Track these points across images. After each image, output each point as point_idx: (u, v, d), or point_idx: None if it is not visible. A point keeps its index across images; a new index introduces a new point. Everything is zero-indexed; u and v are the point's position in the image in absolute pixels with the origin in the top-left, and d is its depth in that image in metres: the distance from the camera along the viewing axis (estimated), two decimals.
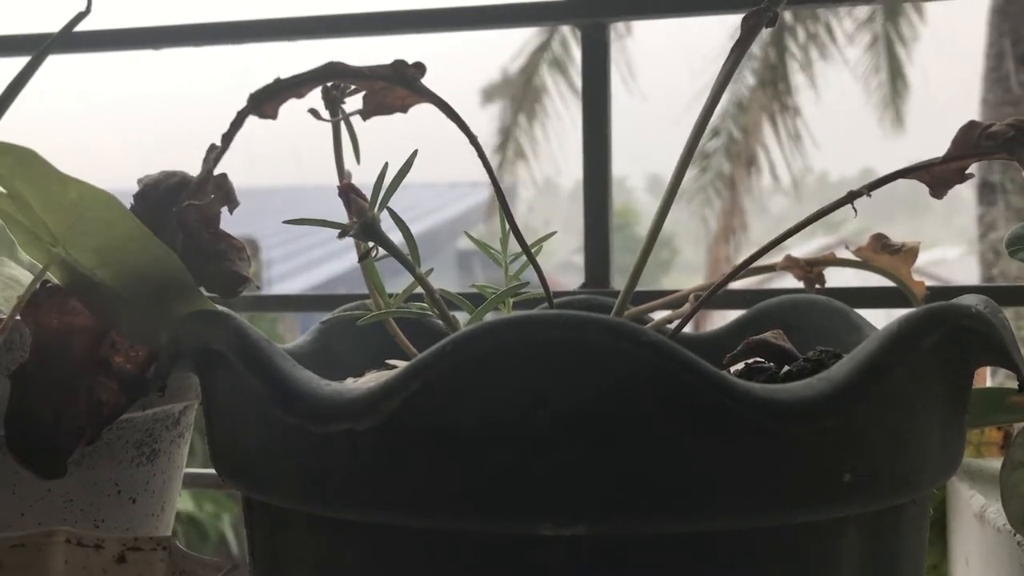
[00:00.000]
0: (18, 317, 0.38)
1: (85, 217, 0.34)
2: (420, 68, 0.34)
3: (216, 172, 0.35)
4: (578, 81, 0.65)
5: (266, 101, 0.33)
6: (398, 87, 0.34)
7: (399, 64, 0.34)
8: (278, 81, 0.33)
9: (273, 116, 0.33)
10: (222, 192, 0.36)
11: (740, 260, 0.42)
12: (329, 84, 0.38)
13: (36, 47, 0.54)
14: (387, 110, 0.35)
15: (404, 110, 0.35)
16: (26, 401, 0.36)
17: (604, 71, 0.63)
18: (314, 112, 0.34)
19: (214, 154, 0.34)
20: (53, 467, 0.36)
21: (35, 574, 0.35)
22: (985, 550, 0.45)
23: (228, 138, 0.33)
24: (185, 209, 0.35)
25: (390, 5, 0.66)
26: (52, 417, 0.36)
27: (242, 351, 0.31)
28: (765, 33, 0.41)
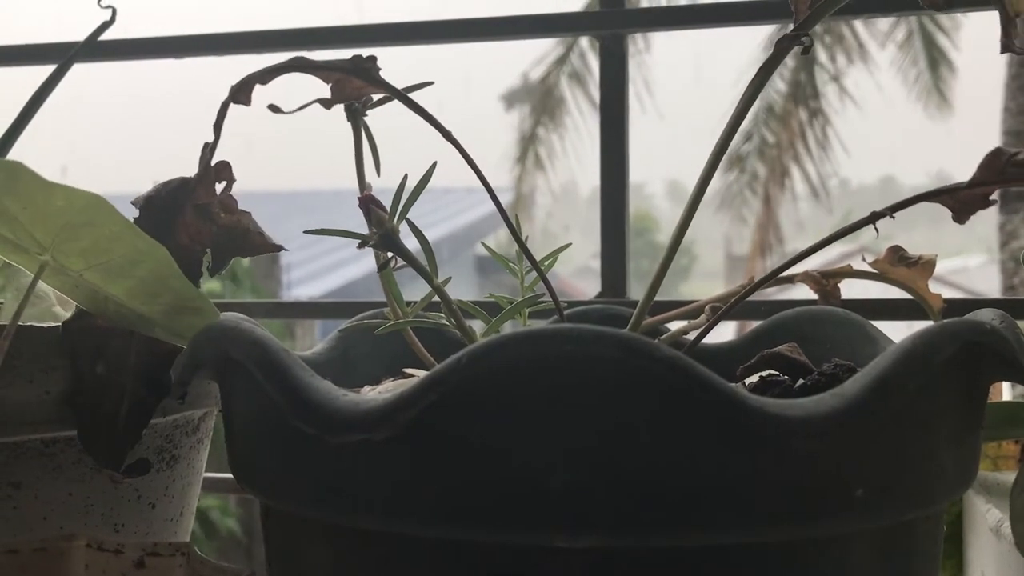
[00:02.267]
0: (21, 323, 0.39)
1: (71, 222, 0.34)
2: (374, 61, 0.38)
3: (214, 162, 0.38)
4: (595, 90, 0.65)
5: (240, 91, 0.37)
6: (355, 78, 0.38)
7: (356, 58, 0.38)
8: (250, 74, 0.37)
9: (247, 103, 0.37)
10: (225, 176, 0.39)
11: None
12: (350, 100, 0.40)
13: (61, 56, 0.55)
14: (347, 98, 0.39)
15: (361, 98, 0.39)
16: (90, 419, 0.39)
17: (622, 81, 0.63)
18: (274, 107, 0.37)
19: (208, 148, 0.37)
20: (139, 467, 0.40)
21: None
22: (1000, 564, 0.45)
23: (217, 127, 0.37)
24: (210, 204, 0.39)
25: (416, 15, 0.66)
26: (111, 426, 0.38)
27: (261, 361, 0.31)
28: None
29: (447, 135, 0.38)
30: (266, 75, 0.37)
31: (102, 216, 0.34)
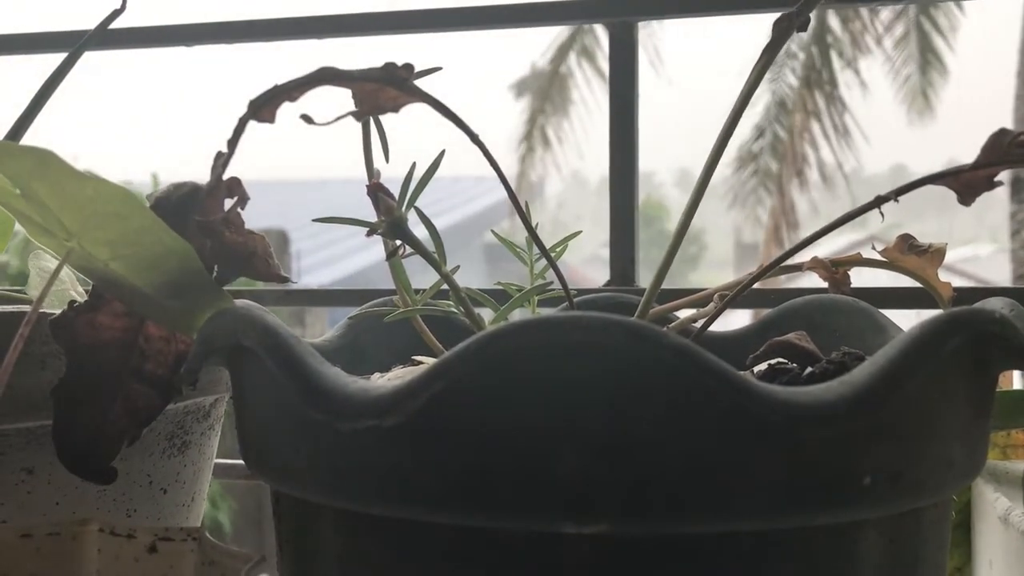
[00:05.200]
0: (42, 310, 0.39)
1: (100, 212, 0.35)
2: (409, 69, 0.35)
3: (227, 176, 0.36)
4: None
5: (263, 107, 0.33)
6: (389, 88, 0.35)
7: (389, 66, 0.35)
8: (275, 87, 0.33)
9: (271, 120, 0.34)
10: (236, 193, 0.37)
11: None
12: (384, 111, 0.38)
13: (71, 44, 0.55)
14: (380, 110, 0.36)
15: (396, 110, 0.36)
16: (68, 416, 0.38)
17: (632, 70, 0.63)
18: (306, 117, 0.34)
19: (222, 160, 0.34)
20: (101, 475, 0.38)
21: (70, 562, 0.36)
22: (1009, 553, 0.45)
23: (233, 143, 0.34)
24: (212, 221, 0.37)
25: (423, 4, 0.66)
26: (94, 429, 0.37)
27: (272, 349, 0.31)
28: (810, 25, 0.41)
29: (474, 138, 0.37)
30: (294, 89, 0.33)
31: (130, 209, 0.34)
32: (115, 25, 0.56)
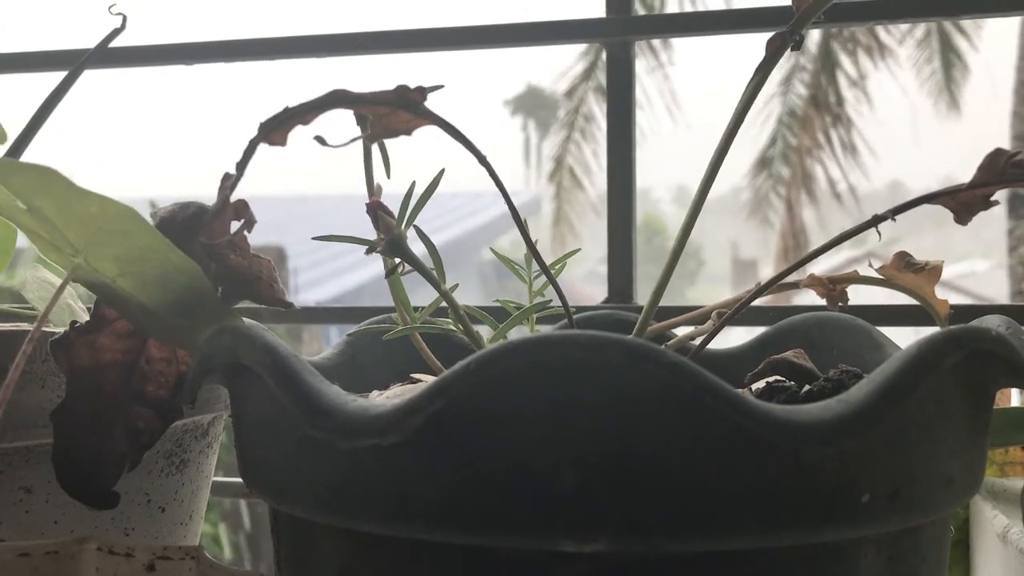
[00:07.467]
0: (45, 328, 0.39)
1: (105, 229, 0.35)
2: (422, 92, 0.34)
3: (233, 198, 0.35)
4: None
5: (274, 130, 0.33)
6: (402, 111, 0.34)
7: (402, 89, 0.34)
8: (286, 110, 0.33)
9: (282, 143, 0.33)
10: (243, 215, 0.36)
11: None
12: (397, 135, 0.37)
13: (72, 62, 0.55)
14: (392, 133, 0.35)
15: (409, 133, 0.35)
16: (69, 439, 0.37)
17: (629, 87, 0.64)
18: (320, 139, 0.34)
19: (229, 182, 0.34)
20: (103, 499, 0.38)
21: None
22: (1007, 571, 0.45)
23: (242, 166, 0.33)
24: (218, 243, 0.36)
25: (422, 23, 0.67)
26: (94, 452, 0.37)
27: (271, 367, 0.31)
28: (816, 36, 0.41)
29: (482, 160, 0.37)
30: (307, 113, 0.33)
31: (135, 226, 0.34)
32: (115, 43, 0.56)
